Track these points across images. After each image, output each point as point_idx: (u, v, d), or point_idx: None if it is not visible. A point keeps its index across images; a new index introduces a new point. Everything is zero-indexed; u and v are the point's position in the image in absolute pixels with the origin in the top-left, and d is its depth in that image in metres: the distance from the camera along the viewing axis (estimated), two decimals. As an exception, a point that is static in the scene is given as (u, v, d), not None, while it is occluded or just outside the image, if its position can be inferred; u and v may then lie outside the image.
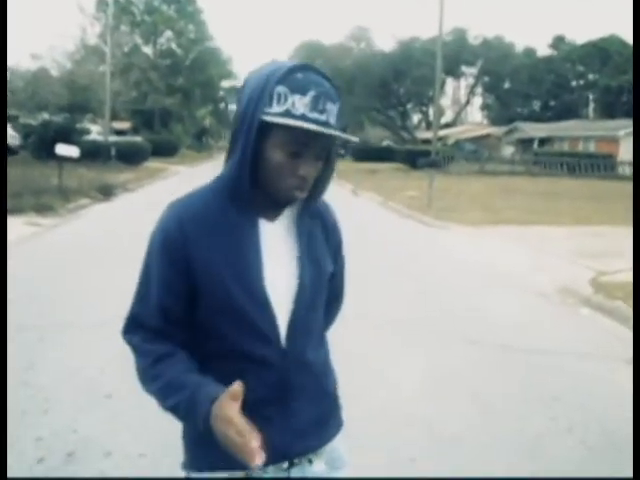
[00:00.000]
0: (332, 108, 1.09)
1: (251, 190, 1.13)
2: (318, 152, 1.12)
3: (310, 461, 1.24)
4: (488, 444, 2.99)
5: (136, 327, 1.21)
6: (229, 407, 1.01)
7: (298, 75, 1.08)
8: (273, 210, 1.19)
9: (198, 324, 1.18)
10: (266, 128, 1.08)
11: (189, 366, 1.15)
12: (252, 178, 1.13)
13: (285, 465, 1.22)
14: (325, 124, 1.07)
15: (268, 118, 1.07)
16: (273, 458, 1.13)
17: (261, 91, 1.08)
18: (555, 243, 9.07)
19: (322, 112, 1.07)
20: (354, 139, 1.22)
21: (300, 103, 1.06)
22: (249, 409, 1.11)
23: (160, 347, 1.16)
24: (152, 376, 1.16)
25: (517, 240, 9.35)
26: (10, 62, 24.40)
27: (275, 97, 1.07)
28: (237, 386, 1.02)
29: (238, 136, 1.12)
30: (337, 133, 1.10)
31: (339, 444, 1.30)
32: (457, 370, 3.99)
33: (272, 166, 1.11)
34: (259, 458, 0.97)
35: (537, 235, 9.83)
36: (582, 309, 5.74)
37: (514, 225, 10.84)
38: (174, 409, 1.14)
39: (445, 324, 4.99)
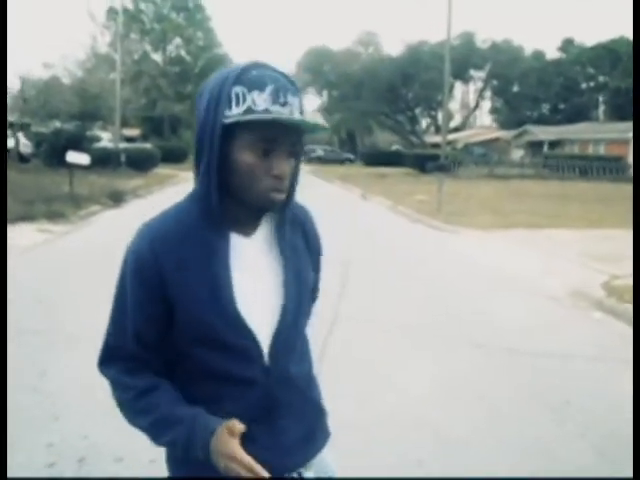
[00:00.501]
0: (294, 101, 1.06)
1: (222, 203, 1.08)
2: (289, 148, 1.07)
3: (299, 474, 1.22)
4: (495, 448, 2.98)
5: (112, 358, 1.16)
6: (229, 443, 1.02)
7: (253, 72, 1.04)
8: (248, 224, 1.13)
9: (176, 348, 1.13)
10: (230, 132, 1.04)
11: (176, 396, 1.11)
12: (223, 188, 1.07)
13: None
14: (290, 117, 1.04)
15: (230, 120, 1.03)
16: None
17: (218, 95, 1.04)
18: (566, 246, 9.02)
19: (284, 105, 1.04)
20: (323, 124, 1.15)
21: (260, 99, 1.02)
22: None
23: (141, 380, 1.12)
24: (139, 410, 1.11)
25: (527, 244, 9.30)
26: (22, 71, 24.72)
27: (234, 98, 1.03)
28: (236, 423, 1.02)
29: (202, 146, 1.07)
30: (305, 120, 1.06)
31: (326, 453, 1.28)
32: (467, 374, 3.97)
33: (243, 170, 1.05)
34: None
35: (548, 238, 9.78)
36: (594, 313, 5.70)
37: (524, 229, 10.79)
38: (170, 444, 1.11)
39: (455, 328, 4.97)
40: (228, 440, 1.02)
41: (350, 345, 4.33)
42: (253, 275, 1.12)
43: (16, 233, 8.98)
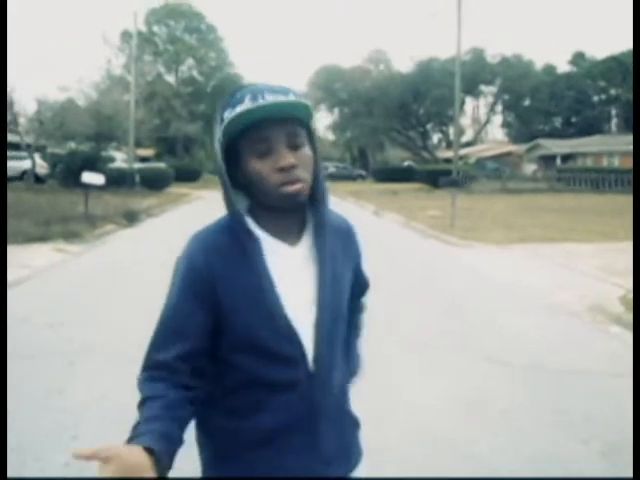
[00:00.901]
0: (277, 97, 1.08)
1: (259, 216, 1.15)
2: (287, 141, 1.10)
3: None
4: (517, 465, 2.93)
5: (147, 368, 1.15)
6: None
7: (237, 94, 1.10)
8: (290, 233, 1.17)
9: (221, 356, 1.15)
10: (232, 152, 1.12)
11: (157, 413, 1.04)
12: (253, 204, 1.16)
13: None
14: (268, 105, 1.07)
15: (224, 138, 1.10)
16: None
17: (217, 128, 1.12)
18: (582, 260, 8.92)
19: (264, 100, 1.07)
20: (305, 101, 1.13)
21: (240, 108, 1.07)
22: (277, 436, 1.14)
23: (152, 388, 1.08)
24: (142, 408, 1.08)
25: (543, 258, 9.22)
26: (39, 94, 25.17)
27: (225, 120, 1.09)
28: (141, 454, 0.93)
29: (219, 179, 1.15)
30: (270, 102, 1.06)
31: (361, 474, 1.28)
32: (486, 390, 3.92)
33: (253, 176, 1.12)
34: None
35: (563, 253, 9.69)
36: (613, 327, 5.61)
37: (539, 243, 10.70)
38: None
39: (472, 344, 4.92)
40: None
41: (365, 361, 4.29)
42: (297, 284, 1.15)
43: (33, 253, 9.09)
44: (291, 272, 1.15)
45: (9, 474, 2.31)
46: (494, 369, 4.34)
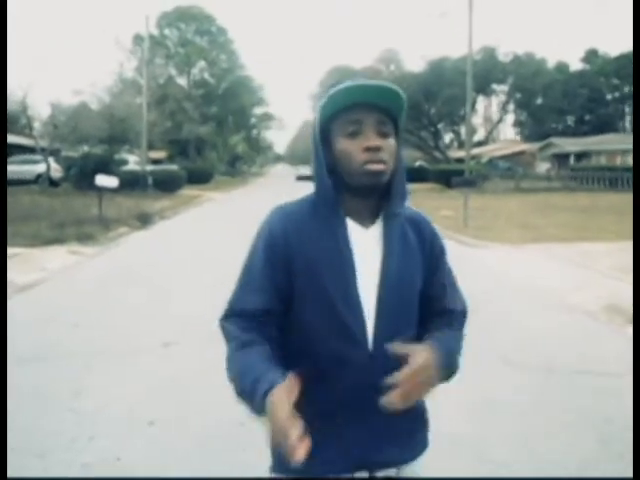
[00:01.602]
0: (369, 87, 1.19)
1: (339, 194, 1.22)
2: (375, 127, 1.19)
3: (396, 474, 1.23)
4: (538, 467, 2.90)
5: (233, 315, 1.23)
6: (280, 398, 1.00)
7: (335, 85, 1.22)
8: (366, 215, 1.23)
9: (289, 323, 1.22)
10: (327, 134, 1.22)
11: (268, 355, 1.15)
12: (337, 183, 1.21)
13: (365, 475, 1.21)
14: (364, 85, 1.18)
15: (320, 120, 1.22)
16: (351, 465, 1.16)
17: (316, 114, 1.24)
18: (598, 259, 8.83)
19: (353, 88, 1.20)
20: (396, 89, 1.22)
21: (334, 89, 1.20)
22: (331, 411, 1.17)
23: (248, 335, 1.18)
24: (232, 362, 1.18)
25: (558, 257, 9.14)
26: (53, 98, 25.39)
27: (321, 103, 1.23)
28: (292, 379, 1.03)
29: (314, 157, 1.24)
30: (367, 82, 1.18)
31: (421, 467, 1.29)
32: (503, 392, 3.89)
33: (341, 154, 1.20)
34: (298, 455, 0.94)
35: (579, 252, 9.60)
36: (629, 328, 5.55)
37: (554, 242, 10.62)
38: (241, 395, 1.14)
39: (488, 345, 4.88)
40: (282, 396, 1.00)
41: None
42: (367, 264, 1.20)
43: (49, 255, 9.17)
44: (362, 252, 1.21)
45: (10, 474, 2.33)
46: (510, 370, 4.31)
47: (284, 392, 1.00)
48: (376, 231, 1.24)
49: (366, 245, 1.22)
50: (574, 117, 50.55)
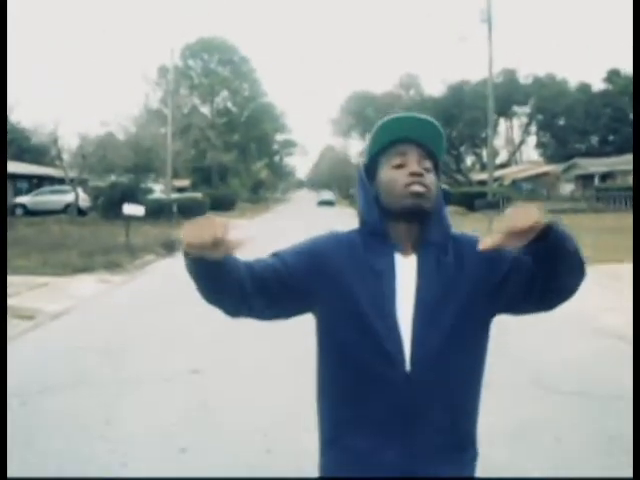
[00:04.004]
0: (414, 122, 1.29)
1: (382, 223, 1.29)
2: (418, 159, 1.28)
3: None
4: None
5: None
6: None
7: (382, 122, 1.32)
8: (408, 244, 1.29)
9: (330, 337, 1.28)
10: (374, 168, 1.33)
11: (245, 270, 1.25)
12: (382, 212, 1.29)
13: None
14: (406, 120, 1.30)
15: (368, 154, 1.34)
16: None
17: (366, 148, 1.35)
18: (627, 281, 8.67)
19: (400, 121, 1.30)
20: (437, 124, 1.32)
21: (382, 122, 1.32)
22: (372, 428, 1.21)
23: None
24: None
25: (586, 279, 8.99)
26: (81, 129, 26.09)
27: (370, 136, 1.36)
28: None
29: (359, 189, 1.35)
30: (412, 115, 1.30)
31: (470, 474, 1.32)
32: (537, 417, 3.83)
33: (386, 182, 1.29)
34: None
35: (607, 274, 9.45)
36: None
37: (581, 264, 10.45)
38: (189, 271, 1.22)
39: (519, 369, 4.82)
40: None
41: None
42: (404, 291, 1.25)
43: (78, 283, 9.34)
44: (401, 279, 1.26)
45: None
46: (543, 395, 4.24)
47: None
48: (414, 258, 1.29)
49: (404, 272, 1.26)
50: (598, 137, 50.06)
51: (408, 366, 1.22)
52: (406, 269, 1.27)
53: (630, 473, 1.80)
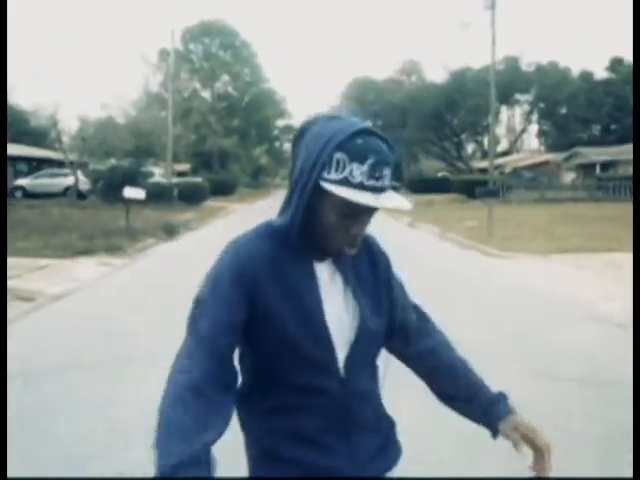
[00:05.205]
0: (387, 172, 1.10)
1: (302, 238, 1.16)
2: (372, 212, 1.15)
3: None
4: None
5: (196, 333, 1.16)
6: None
7: (358, 141, 1.08)
8: (323, 254, 1.21)
9: (255, 359, 1.21)
10: (322, 190, 1.10)
11: (206, 420, 1.09)
12: (304, 232, 1.15)
13: None
14: (381, 189, 1.09)
15: (326, 185, 1.09)
16: None
17: (318, 155, 1.09)
18: (626, 270, 8.70)
19: (378, 179, 1.08)
20: (407, 205, 1.15)
21: (358, 171, 1.07)
22: (311, 439, 1.19)
23: (199, 378, 1.11)
24: (169, 404, 1.13)
25: (585, 268, 9.03)
26: (81, 113, 25.99)
27: (334, 163, 1.08)
28: None
29: (293, 194, 1.15)
30: (392, 206, 1.10)
31: (398, 472, 1.32)
32: (537, 404, 3.85)
33: (325, 227, 1.14)
34: None
35: (606, 262, 9.47)
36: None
37: (581, 253, 10.49)
38: (155, 446, 1.08)
39: (518, 357, 4.85)
40: None
41: (409, 375, 4.28)
42: (328, 296, 1.20)
43: (79, 266, 9.36)
44: (321, 286, 1.19)
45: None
46: (542, 383, 4.27)
47: None
48: (329, 263, 1.22)
49: (324, 278, 1.20)
50: (599, 126, 49.86)
51: (342, 373, 1.19)
52: (325, 275, 1.21)
53: (630, 473, 1.82)
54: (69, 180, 25.49)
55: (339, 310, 1.20)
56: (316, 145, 1.11)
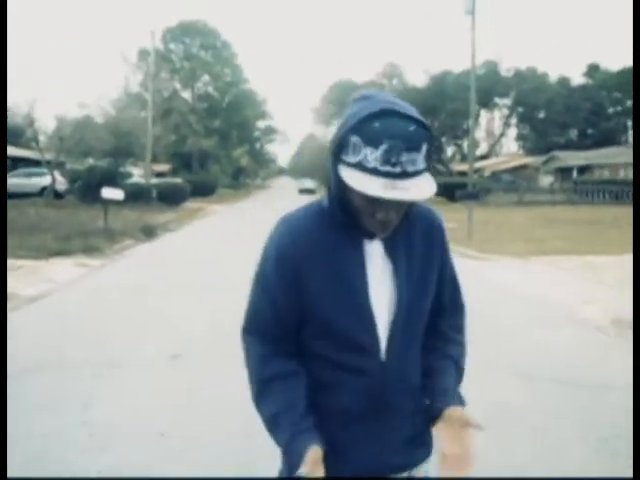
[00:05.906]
0: (410, 156, 1.05)
1: (347, 216, 1.17)
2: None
3: (409, 475, 1.25)
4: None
5: (257, 332, 1.24)
6: (317, 473, 1.10)
7: (375, 124, 1.05)
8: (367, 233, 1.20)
9: (301, 338, 1.23)
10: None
11: (297, 396, 1.19)
12: (345, 211, 1.16)
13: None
14: (399, 175, 1.04)
15: (343, 170, 1.09)
16: (368, 470, 1.18)
17: (339, 137, 1.10)
18: (604, 272, 8.82)
19: (395, 165, 1.04)
20: (430, 191, 1.12)
21: (372, 156, 1.04)
22: (346, 420, 1.19)
23: (280, 364, 1.20)
24: (264, 395, 1.21)
25: (564, 270, 9.13)
26: (58, 111, 25.60)
27: (350, 146, 1.08)
28: (316, 452, 1.10)
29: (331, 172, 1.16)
30: (403, 198, 1.06)
31: (431, 467, 1.30)
32: (516, 405, 3.88)
33: (354, 208, 1.14)
34: None
35: (584, 265, 9.59)
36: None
37: (560, 255, 10.61)
38: (275, 440, 1.21)
39: (498, 359, 4.87)
40: (315, 470, 1.10)
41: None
42: (374, 276, 1.19)
43: (55, 267, 9.19)
44: (369, 265, 1.19)
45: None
46: (521, 384, 4.29)
47: (315, 468, 1.10)
48: (380, 241, 1.20)
49: (372, 257, 1.19)
50: (577, 131, 50.69)
51: (384, 356, 1.19)
52: (374, 253, 1.19)
53: (630, 473, 1.82)
54: (46, 180, 25.05)
55: (387, 289, 1.19)
56: (340, 126, 1.12)
